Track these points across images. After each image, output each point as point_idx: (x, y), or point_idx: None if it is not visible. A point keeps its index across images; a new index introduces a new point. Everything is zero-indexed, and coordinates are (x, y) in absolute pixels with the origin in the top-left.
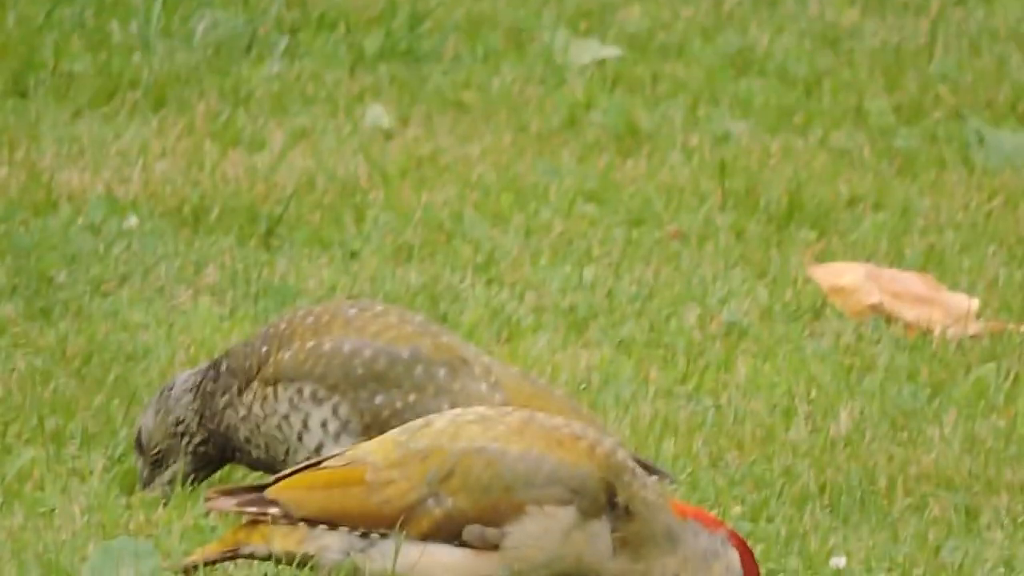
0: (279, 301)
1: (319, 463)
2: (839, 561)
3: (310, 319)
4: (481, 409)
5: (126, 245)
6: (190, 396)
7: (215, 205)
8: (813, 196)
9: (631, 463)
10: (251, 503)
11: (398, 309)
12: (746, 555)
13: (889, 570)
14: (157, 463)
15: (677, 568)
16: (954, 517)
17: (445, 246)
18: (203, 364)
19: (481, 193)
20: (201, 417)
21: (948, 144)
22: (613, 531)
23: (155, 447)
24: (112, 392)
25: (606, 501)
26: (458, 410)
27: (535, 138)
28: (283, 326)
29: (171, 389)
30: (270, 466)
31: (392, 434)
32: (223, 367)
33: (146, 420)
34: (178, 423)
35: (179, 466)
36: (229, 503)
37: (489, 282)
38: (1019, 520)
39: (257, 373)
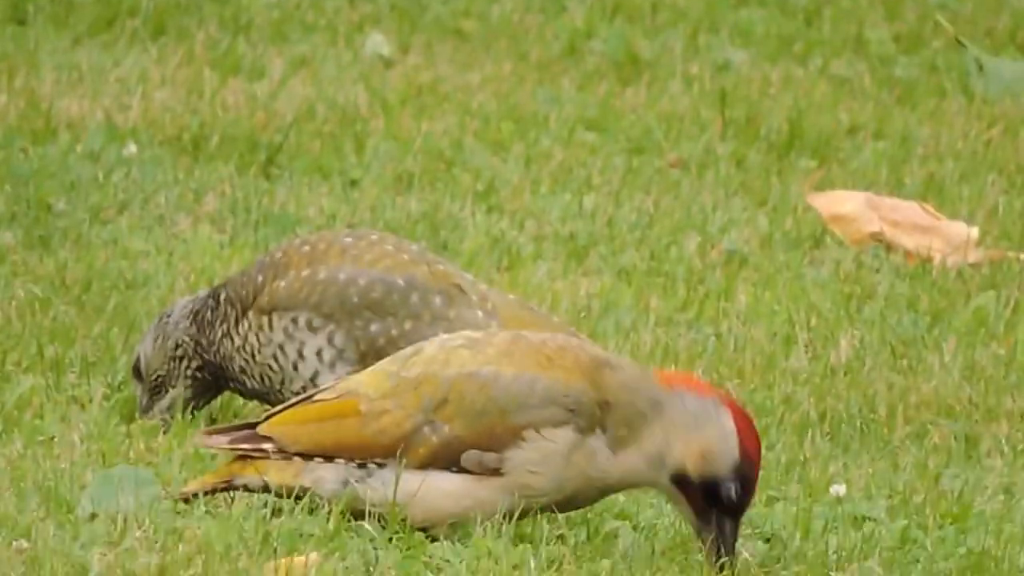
0: (279, 229)
1: (310, 398)
2: (839, 489)
3: (306, 248)
4: (468, 333)
5: (125, 173)
6: (187, 322)
7: (215, 133)
8: (813, 125)
9: (606, 354)
10: (244, 440)
11: (394, 238)
12: (741, 419)
13: (889, 498)
14: (156, 389)
15: (665, 433)
16: (954, 445)
17: (445, 174)
18: (202, 292)
19: (481, 121)
20: (198, 344)
21: (948, 73)
22: (606, 435)
23: (153, 373)
24: (112, 320)
25: (601, 414)
26: (445, 336)
27: (535, 66)
28: (279, 255)
29: (169, 316)
30: (264, 396)
31: (383, 364)
32: (222, 296)
33: (144, 347)
34: (176, 347)
35: (179, 391)
36: (222, 441)
37: (489, 210)
38: (1019, 448)
39: (253, 302)
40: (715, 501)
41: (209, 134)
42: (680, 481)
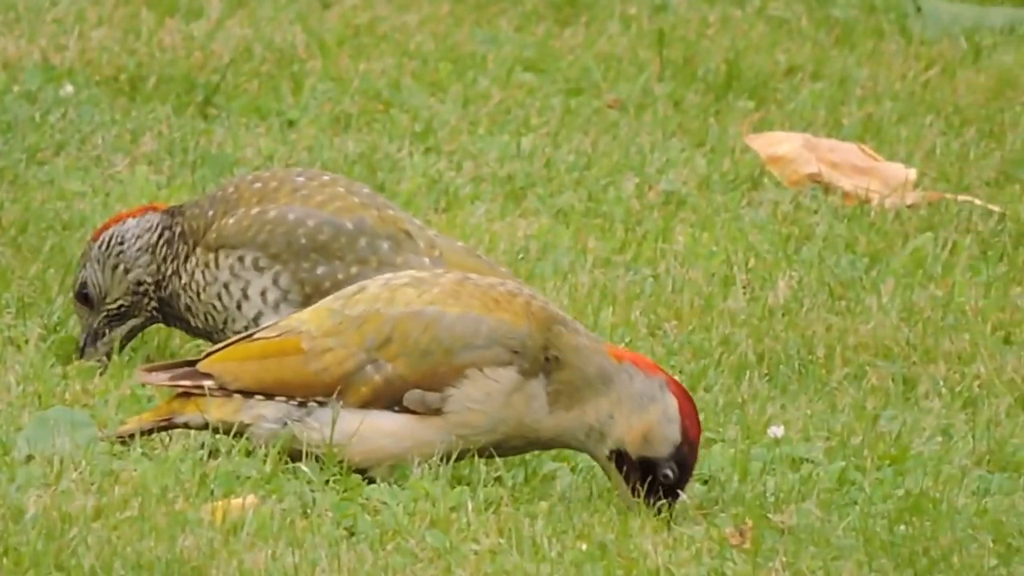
0: (216, 170)
1: (251, 335)
2: (777, 430)
3: (257, 185)
4: (413, 272)
5: (62, 113)
6: (148, 257)
7: (152, 74)
8: (751, 66)
9: (562, 314)
10: (184, 377)
11: (346, 180)
12: (686, 403)
13: (827, 439)
14: (117, 318)
15: (610, 409)
16: (892, 386)
17: (383, 115)
18: (152, 217)
19: (419, 62)
20: (156, 284)
21: (886, 14)
22: (547, 386)
23: (115, 302)
24: (48, 261)
25: (544, 359)
26: (390, 275)
27: (473, 7)
28: (231, 190)
29: (122, 244)
30: (208, 336)
31: (326, 302)
32: (177, 231)
33: (93, 274)
34: (139, 284)
35: (138, 322)
36: (162, 377)
37: (427, 151)
38: (956, 389)
39: (203, 237)
40: (651, 481)
41: (146, 74)
42: (618, 458)
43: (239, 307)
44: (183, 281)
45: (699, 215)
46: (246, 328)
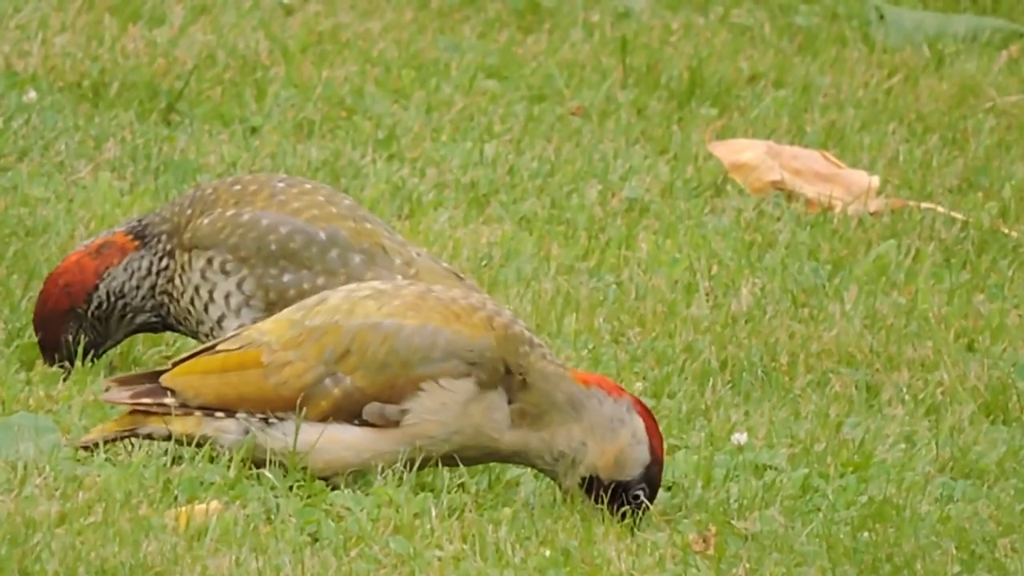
0: (179, 176)
1: (213, 347)
2: (740, 437)
3: (236, 187)
4: (376, 283)
5: (25, 119)
6: (150, 294)
7: (115, 80)
8: (714, 73)
9: (529, 334)
10: (146, 394)
11: (328, 189)
12: (650, 422)
13: (790, 446)
14: (99, 320)
15: (583, 435)
16: (855, 393)
17: (346, 122)
18: (135, 259)
19: (382, 69)
20: (155, 309)
21: (848, 21)
22: (510, 402)
23: (113, 340)
24: (12, 267)
25: (504, 371)
26: (353, 285)
27: (436, 14)
28: (209, 191)
29: (122, 296)
30: (195, 336)
31: (286, 313)
32: (168, 247)
33: (85, 334)
34: (133, 316)
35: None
36: (124, 395)
37: (390, 158)
38: (919, 396)
39: (180, 235)
40: (621, 502)
41: (109, 81)
42: (589, 484)
43: (206, 310)
44: (171, 291)
45: (662, 222)
46: (211, 330)
